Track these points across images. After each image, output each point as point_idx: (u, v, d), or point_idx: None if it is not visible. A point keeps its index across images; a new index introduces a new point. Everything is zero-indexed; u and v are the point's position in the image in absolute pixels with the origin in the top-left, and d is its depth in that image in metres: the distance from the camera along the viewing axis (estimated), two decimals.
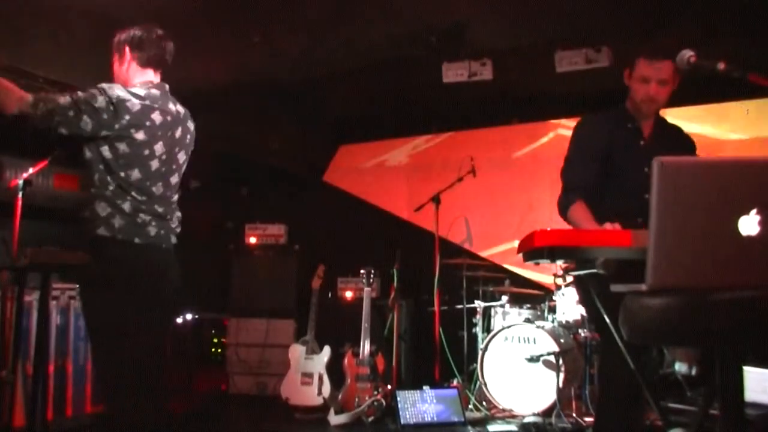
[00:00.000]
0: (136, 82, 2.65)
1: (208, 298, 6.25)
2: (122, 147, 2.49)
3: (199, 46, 4.46)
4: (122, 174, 2.49)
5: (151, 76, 2.70)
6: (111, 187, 2.48)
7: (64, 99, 2.41)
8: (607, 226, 2.23)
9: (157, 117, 2.59)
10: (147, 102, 2.57)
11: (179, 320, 5.87)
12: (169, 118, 2.64)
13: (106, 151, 2.47)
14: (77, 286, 2.86)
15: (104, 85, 2.48)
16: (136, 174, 2.52)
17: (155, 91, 2.64)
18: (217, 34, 4.37)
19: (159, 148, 2.59)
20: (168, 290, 2.61)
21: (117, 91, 2.50)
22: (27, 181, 3.02)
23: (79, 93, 2.42)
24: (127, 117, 2.49)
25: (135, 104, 2.52)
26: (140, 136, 2.53)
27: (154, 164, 2.57)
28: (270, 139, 6.29)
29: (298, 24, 4.31)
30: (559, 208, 2.64)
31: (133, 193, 2.51)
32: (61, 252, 2.92)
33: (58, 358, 4.14)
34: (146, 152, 2.54)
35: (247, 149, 6.34)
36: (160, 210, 2.59)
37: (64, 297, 4.24)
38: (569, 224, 2.57)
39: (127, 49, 2.66)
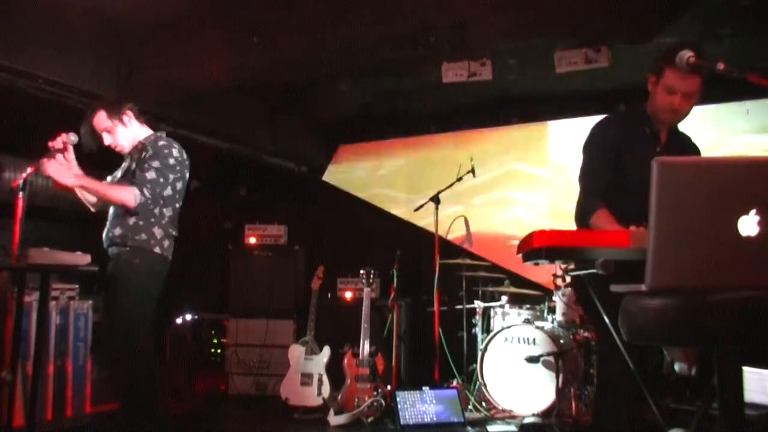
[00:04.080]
0: (142, 135, 3.21)
1: (208, 299, 6.25)
2: (179, 185, 3.13)
3: (199, 46, 4.46)
4: (177, 206, 3.15)
5: (148, 129, 3.24)
6: (166, 218, 3.09)
7: (151, 175, 3.01)
8: (632, 229, 2.20)
9: (185, 155, 3.17)
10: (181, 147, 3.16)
11: (179, 320, 5.87)
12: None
13: (168, 190, 3.06)
14: (107, 287, 3.09)
15: (164, 146, 3.08)
16: (179, 205, 3.18)
17: (173, 140, 3.20)
18: (217, 35, 4.37)
19: (186, 181, 3.19)
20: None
21: (173, 146, 3.11)
22: (24, 182, 3.01)
23: (157, 162, 3.01)
24: (186, 163, 3.15)
25: (183, 153, 3.14)
26: (187, 174, 3.19)
27: (183, 193, 3.19)
28: (270, 139, 6.29)
29: (298, 24, 4.31)
30: (580, 214, 2.60)
31: (175, 221, 3.15)
32: (60, 253, 2.92)
33: (57, 359, 4.14)
34: (185, 187, 3.19)
35: (247, 149, 6.34)
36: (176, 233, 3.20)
37: (63, 297, 4.23)
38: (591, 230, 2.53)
39: (128, 111, 3.18)
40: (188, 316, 6.02)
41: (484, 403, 4.64)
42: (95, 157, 3.23)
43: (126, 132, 3.19)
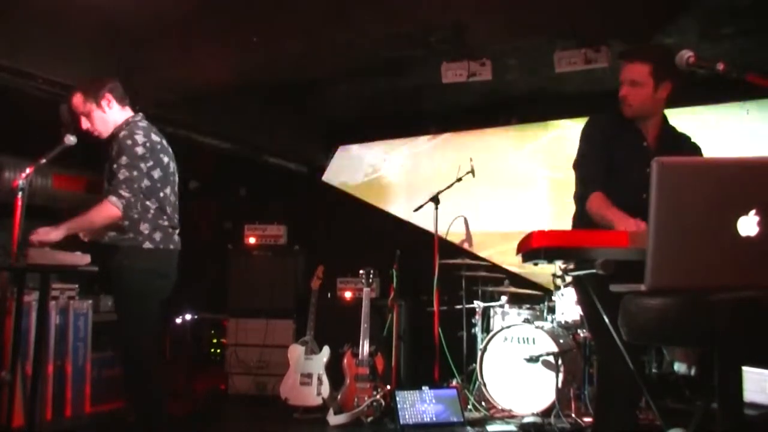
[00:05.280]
0: (122, 119, 3.07)
1: (208, 299, 6.25)
2: (156, 173, 2.98)
3: (199, 46, 4.46)
4: (161, 194, 3.00)
5: (129, 112, 3.10)
6: (152, 210, 2.97)
7: (123, 174, 2.87)
8: (632, 226, 2.20)
9: (156, 138, 3.04)
10: (153, 130, 3.05)
11: (178, 320, 5.87)
12: (161, 137, 3.11)
13: (146, 181, 2.94)
14: (113, 287, 3.08)
15: (125, 136, 2.93)
16: (168, 191, 3.05)
17: (143, 123, 3.07)
18: (217, 34, 4.37)
19: (172, 165, 3.10)
20: (172, 285, 3.11)
21: (138, 134, 2.94)
22: (24, 181, 3.01)
23: (123, 157, 2.88)
24: (158, 147, 3.00)
25: (153, 136, 3.01)
26: (165, 159, 3.04)
27: (173, 178, 3.09)
28: (269, 139, 6.29)
29: (297, 24, 4.31)
30: (577, 200, 2.65)
31: (167, 209, 3.03)
32: (60, 253, 2.92)
33: (57, 359, 4.14)
34: (170, 170, 3.07)
35: (247, 149, 6.34)
36: (176, 220, 3.10)
37: (63, 297, 4.23)
38: (590, 216, 2.55)
39: (108, 95, 3.04)
40: (188, 316, 6.02)
41: (483, 403, 4.64)
42: (92, 158, 3.23)
43: (104, 117, 3.05)
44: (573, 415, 4.23)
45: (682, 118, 2.67)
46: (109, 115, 3.06)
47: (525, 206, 5.93)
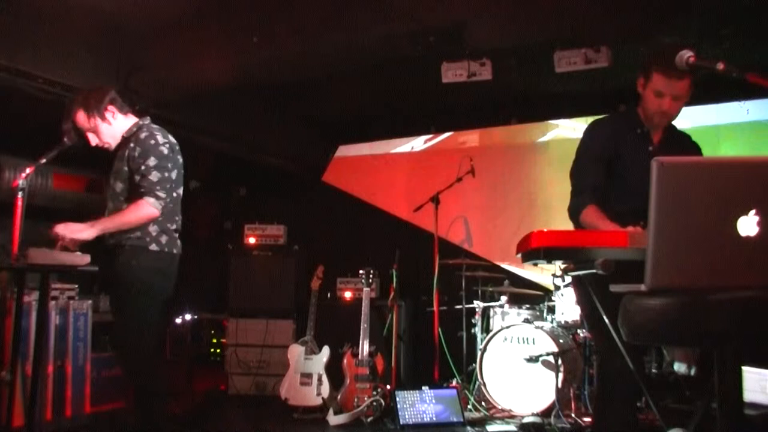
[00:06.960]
0: (128, 126, 3.09)
1: (207, 299, 6.25)
2: (175, 173, 3.02)
3: (199, 46, 4.46)
4: (174, 194, 3.03)
5: (133, 118, 3.11)
6: (164, 212, 2.95)
7: (155, 175, 2.91)
8: (630, 229, 2.19)
9: (173, 140, 3.08)
10: (166, 132, 3.07)
11: (178, 320, 5.88)
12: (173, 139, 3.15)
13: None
14: (117, 287, 3.05)
15: (147, 137, 2.97)
16: (180, 192, 3.09)
17: (155, 126, 3.10)
18: (217, 35, 4.37)
19: (182, 166, 3.11)
20: (173, 287, 3.12)
21: (158, 134, 3.00)
22: (24, 181, 3.01)
23: (151, 158, 2.91)
24: (176, 148, 3.06)
25: (170, 137, 3.05)
26: (181, 160, 3.09)
27: (181, 178, 3.11)
28: (269, 139, 6.29)
29: (298, 24, 4.31)
30: (571, 212, 2.62)
31: (178, 210, 3.08)
32: (60, 253, 2.91)
33: (57, 359, 4.14)
34: (182, 170, 3.11)
35: (247, 149, 6.34)
36: (180, 223, 3.11)
37: (63, 297, 4.23)
38: (582, 227, 2.54)
39: (110, 106, 3.05)
40: (188, 316, 6.02)
41: (483, 403, 4.64)
42: (92, 157, 3.23)
43: (110, 129, 3.06)
44: (573, 415, 4.23)
45: (682, 118, 2.65)
46: (115, 125, 3.08)
47: (524, 206, 5.93)
